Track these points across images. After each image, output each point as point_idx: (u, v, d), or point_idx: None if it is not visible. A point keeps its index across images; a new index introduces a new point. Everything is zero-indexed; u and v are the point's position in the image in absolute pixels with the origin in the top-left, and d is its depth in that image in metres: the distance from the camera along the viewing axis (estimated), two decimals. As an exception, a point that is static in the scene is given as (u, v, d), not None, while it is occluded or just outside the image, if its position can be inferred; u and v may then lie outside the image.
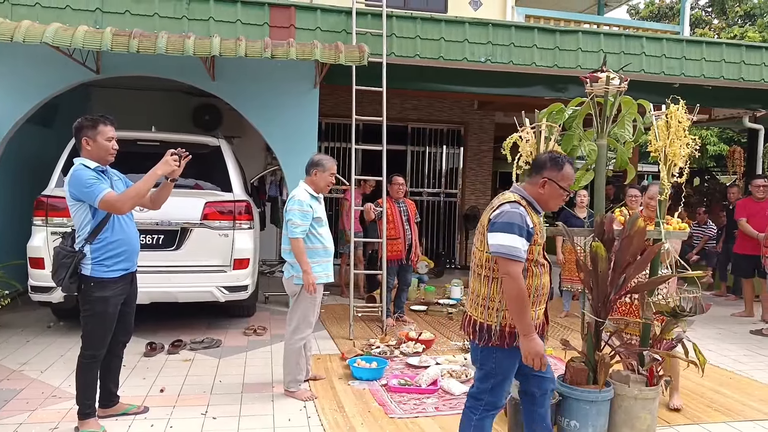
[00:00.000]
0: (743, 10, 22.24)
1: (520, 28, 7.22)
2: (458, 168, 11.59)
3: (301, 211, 4.11)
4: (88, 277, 3.45)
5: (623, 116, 3.75)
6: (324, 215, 4.30)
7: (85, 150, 3.50)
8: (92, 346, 3.55)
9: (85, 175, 3.38)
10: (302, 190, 4.24)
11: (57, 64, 6.12)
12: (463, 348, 5.56)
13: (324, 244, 4.24)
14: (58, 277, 3.45)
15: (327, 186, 4.27)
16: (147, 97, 9.15)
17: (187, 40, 5.41)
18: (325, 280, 4.27)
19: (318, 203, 4.25)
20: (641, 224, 3.48)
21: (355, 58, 5.72)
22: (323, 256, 4.23)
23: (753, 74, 7.85)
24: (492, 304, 2.77)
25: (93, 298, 3.47)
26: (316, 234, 4.19)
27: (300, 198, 4.16)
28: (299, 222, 4.09)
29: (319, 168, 4.24)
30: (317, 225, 4.20)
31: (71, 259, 3.41)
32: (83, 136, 3.49)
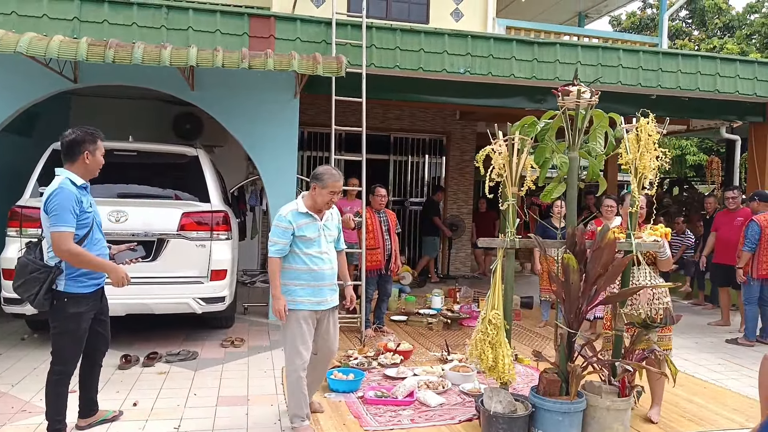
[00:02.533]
0: (722, 22, 22.64)
1: (499, 40, 7.30)
2: (440, 177, 11.63)
3: (278, 228, 3.68)
4: (62, 293, 3.37)
5: (595, 129, 3.79)
6: (317, 234, 3.72)
7: (82, 164, 3.44)
8: (63, 362, 3.48)
9: (66, 199, 3.28)
10: (293, 203, 3.79)
11: (33, 74, 6.08)
12: (441, 359, 5.56)
13: (311, 266, 3.69)
14: (28, 291, 3.33)
15: (327, 204, 3.73)
16: (127, 105, 9.10)
17: (163, 51, 5.40)
18: (310, 306, 3.70)
19: (309, 219, 3.71)
20: (612, 236, 3.52)
21: (333, 69, 5.74)
22: (310, 279, 3.70)
23: (728, 86, 7.99)
24: None
25: (67, 315, 3.40)
26: (301, 254, 3.68)
27: (281, 213, 3.74)
28: (275, 239, 3.68)
29: (318, 183, 3.69)
30: (303, 245, 3.68)
31: (46, 275, 3.32)
32: (84, 149, 3.44)
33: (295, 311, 3.68)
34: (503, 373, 3.55)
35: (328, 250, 3.78)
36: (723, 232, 7.51)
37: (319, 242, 3.74)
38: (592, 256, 3.49)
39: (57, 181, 3.38)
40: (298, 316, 3.68)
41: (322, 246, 3.75)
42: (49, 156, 5.76)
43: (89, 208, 3.48)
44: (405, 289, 8.83)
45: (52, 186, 3.36)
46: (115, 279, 3.48)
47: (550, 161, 3.84)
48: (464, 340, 6.10)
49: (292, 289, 3.69)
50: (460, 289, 8.56)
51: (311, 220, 3.72)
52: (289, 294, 3.68)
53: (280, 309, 3.63)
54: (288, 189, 6.93)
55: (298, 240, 3.68)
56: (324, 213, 3.79)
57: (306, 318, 3.70)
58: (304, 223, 3.69)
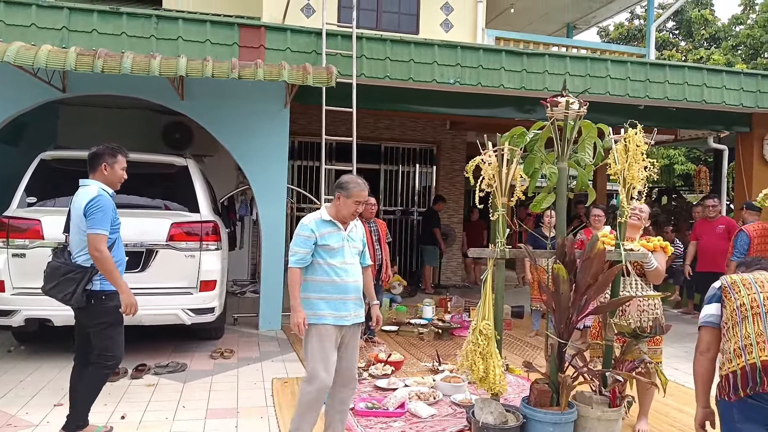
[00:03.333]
0: (708, 34, 22.93)
1: (489, 51, 7.35)
2: (431, 187, 11.66)
3: (300, 236, 3.48)
4: (99, 291, 3.63)
5: (583, 140, 3.81)
6: (341, 244, 3.53)
7: (101, 174, 3.75)
8: (115, 355, 3.72)
9: (108, 205, 3.64)
10: (316, 213, 3.60)
11: (21, 83, 6.05)
12: (432, 369, 5.54)
13: (335, 277, 3.49)
14: (63, 291, 3.59)
15: (351, 215, 3.55)
16: (117, 115, 9.06)
17: (153, 60, 5.38)
18: (333, 321, 3.46)
19: (333, 228, 3.52)
20: (601, 246, 3.53)
21: (323, 79, 5.75)
22: (333, 292, 3.48)
23: (714, 97, 8.08)
24: None
25: (108, 309, 3.66)
26: (324, 264, 3.48)
27: (303, 222, 3.54)
28: (296, 249, 3.47)
29: (342, 192, 3.51)
30: (326, 254, 3.49)
31: (82, 275, 3.59)
32: (102, 161, 3.75)
33: (316, 325, 3.44)
34: (494, 384, 3.54)
35: (353, 262, 3.59)
36: (705, 240, 7.60)
37: (343, 252, 3.54)
38: (582, 267, 3.49)
39: (92, 189, 3.67)
40: (320, 330, 3.44)
41: (346, 257, 3.55)
42: (37, 166, 5.72)
43: (117, 215, 3.78)
44: (396, 298, 8.81)
45: (89, 193, 3.65)
46: (126, 302, 3.66)
47: (539, 171, 3.85)
48: (455, 351, 6.08)
49: (313, 302, 3.47)
50: (451, 299, 8.55)
51: (335, 229, 3.53)
52: (310, 307, 3.45)
53: (299, 322, 3.39)
54: (278, 199, 6.92)
55: (320, 249, 3.48)
56: (348, 224, 3.61)
57: (329, 333, 3.45)
58: (327, 231, 3.50)
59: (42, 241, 5.25)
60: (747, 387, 2.47)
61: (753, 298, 2.56)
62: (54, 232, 5.29)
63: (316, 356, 3.44)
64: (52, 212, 5.50)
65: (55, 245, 5.15)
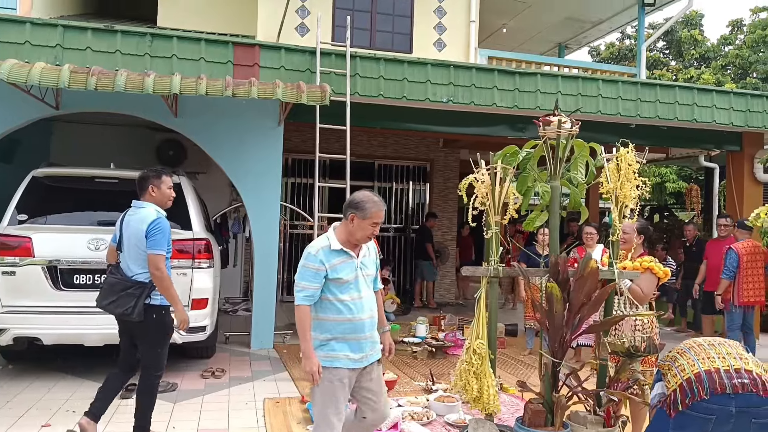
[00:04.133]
0: (698, 53, 23.25)
1: (481, 70, 7.41)
2: (424, 204, 11.68)
3: (307, 269, 3.04)
4: (158, 306, 3.86)
5: (576, 158, 3.83)
6: (353, 275, 3.11)
7: (150, 196, 3.98)
8: (160, 366, 3.95)
9: (167, 226, 3.89)
10: (322, 239, 3.13)
11: (14, 100, 6.04)
12: (425, 389, 5.49)
13: (347, 315, 3.07)
14: (122, 306, 3.78)
15: (367, 238, 3.14)
16: (110, 132, 9.05)
17: (147, 78, 5.39)
18: (348, 364, 3.07)
19: (344, 258, 3.10)
20: (594, 265, 3.53)
21: (317, 97, 5.77)
22: (347, 331, 3.07)
23: (705, 116, 8.16)
24: None
25: (165, 323, 3.92)
26: (334, 300, 3.06)
27: (310, 251, 3.07)
28: (304, 284, 3.03)
29: (357, 212, 3.07)
30: (337, 289, 3.06)
31: (141, 290, 3.80)
32: (150, 184, 3.98)
33: (330, 369, 3.02)
34: (488, 404, 3.51)
35: (366, 294, 3.16)
36: (713, 260, 7.54)
37: (357, 284, 3.12)
38: (576, 285, 3.48)
39: (150, 211, 3.90)
40: (332, 376, 3.03)
41: (361, 289, 3.13)
42: (29, 183, 5.69)
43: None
44: (389, 317, 8.77)
45: (149, 215, 3.88)
46: (180, 318, 3.89)
47: (532, 190, 3.86)
48: (449, 370, 6.04)
49: (325, 344, 3.07)
50: (444, 317, 8.52)
51: (346, 259, 3.10)
52: (321, 349, 3.05)
53: (313, 371, 2.96)
54: (271, 216, 6.90)
55: (330, 283, 3.04)
56: (360, 248, 3.20)
57: (342, 378, 3.05)
58: (338, 262, 3.07)
59: (32, 259, 5.22)
60: (686, 399, 2.64)
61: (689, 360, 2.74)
62: (45, 250, 5.27)
63: (328, 405, 3.05)
64: (43, 230, 5.47)
65: (45, 263, 5.15)
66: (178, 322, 3.89)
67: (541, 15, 12.66)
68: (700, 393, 2.60)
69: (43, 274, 5.25)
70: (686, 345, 2.86)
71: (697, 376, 2.64)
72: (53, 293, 5.25)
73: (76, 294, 5.30)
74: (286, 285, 10.65)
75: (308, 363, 2.98)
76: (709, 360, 2.69)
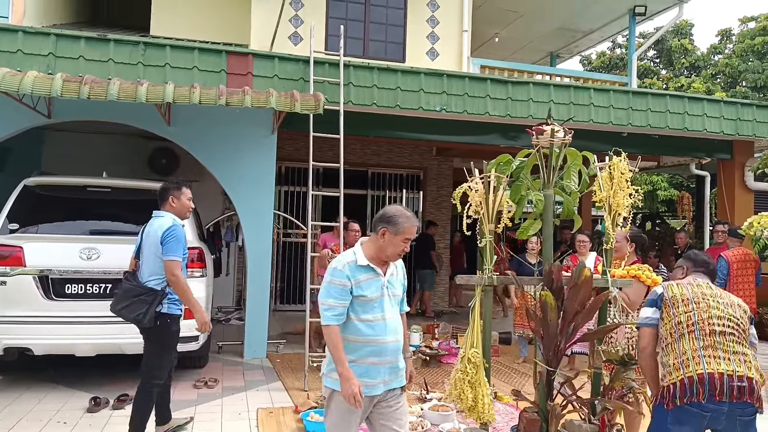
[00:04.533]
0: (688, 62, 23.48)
1: (474, 79, 7.44)
2: (418, 212, 11.68)
3: (333, 285, 2.83)
4: (165, 314, 3.97)
5: (569, 167, 3.85)
6: (379, 293, 2.89)
7: (170, 206, 4.14)
8: (160, 375, 4.04)
9: (181, 234, 4.04)
10: (348, 254, 2.94)
11: (6, 109, 6.01)
12: (420, 398, 5.47)
13: (370, 336, 2.85)
14: (135, 311, 3.91)
15: (398, 255, 2.92)
16: (102, 140, 9.01)
17: (140, 87, 5.38)
18: (367, 392, 2.83)
19: (371, 275, 2.89)
20: (588, 273, 3.54)
21: (311, 106, 5.78)
22: (368, 354, 2.85)
23: (696, 124, 8.22)
24: None
25: (169, 332, 4.03)
26: (356, 320, 2.85)
27: (336, 266, 2.88)
28: (330, 302, 2.82)
29: (389, 226, 2.87)
30: (360, 307, 2.86)
31: (153, 297, 3.92)
32: (170, 195, 4.14)
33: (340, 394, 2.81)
34: (483, 413, 3.50)
35: (391, 316, 2.94)
36: None
37: (382, 304, 2.90)
38: (570, 294, 3.49)
39: (167, 219, 4.06)
40: (341, 401, 2.81)
41: (386, 310, 2.91)
42: (20, 192, 5.66)
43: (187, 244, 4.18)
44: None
45: (165, 223, 4.03)
46: (200, 321, 4.01)
47: (525, 198, 3.87)
48: (443, 378, 6.03)
49: None
50: (438, 325, 8.50)
51: (373, 276, 2.89)
52: (336, 371, 2.81)
53: (354, 392, 2.71)
54: (265, 225, 6.89)
55: (354, 301, 2.85)
56: (388, 266, 2.99)
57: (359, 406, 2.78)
58: (364, 279, 2.87)
59: (23, 268, 5.17)
60: (685, 397, 2.80)
61: (689, 317, 2.93)
62: (36, 259, 5.22)
63: (339, 427, 2.89)
64: (34, 239, 5.43)
65: (36, 273, 5.11)
66: (198, 325, 4.02)
67: (533, 25, 12.76)
68: (699, 396, 2.76)
69: (34, 284, 5.20)
70: (692, 294, 2.99)
71: (700, 378, 2.77)
72: (45, 303, 5.20)
73: (68, 304, 5.25)
74: (279, 294, 10.62)
75: (348, 385, 2.73)
76: (715, 360, 2.80)
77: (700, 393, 2.76)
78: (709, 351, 2.84)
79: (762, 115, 8.51)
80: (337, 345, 2.79)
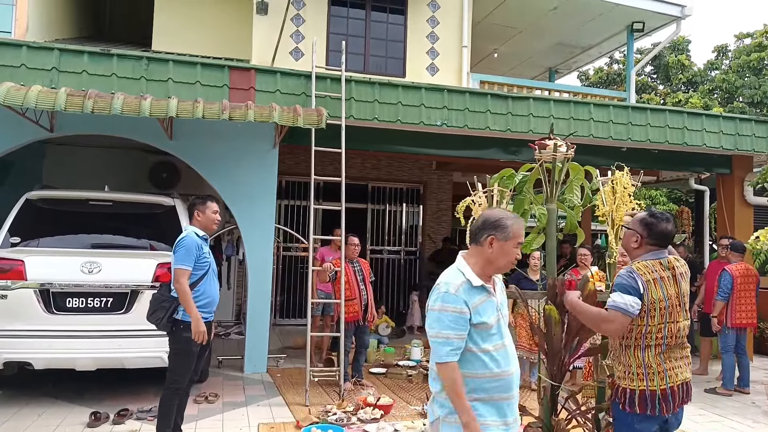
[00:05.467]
0: (686, 78, 23.62)
1: (474, 94, 7.48)
2: (418, 226, 11.70)
3: (447, 313, 2.37)
4: (179, 320, 4.15)
5: (571, 181, 3.86)
6: (496, 317, 2.47)
7: (195, 220, 4.36)
8: (176, 380, 4.19)
9: (191, 244, 4.17)
10: (456, 273, 2.48)
11: (8, 122, 6.04)
12: (422, 413, 5.44)
13: (494, 368, 2.41)
14: (156, 317, 4.17)
15: (511, 264, 2.52)
16: (103, 154, 9.03)
17: (143, 101, 5.41)
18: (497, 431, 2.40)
19: (484, 296, 2.45)
20: (592, 287, 3.54)
21: (314, 121, 5.80)
22: (495, 390, 2.41)
23: (695, 139, 8.25)
24: None
25: (182, 338, 4.15)
26: (477, 351, 2.40)
27: (448, 289, 2.41)
28: (447, 333, 2.36)
29: (497, 232, 2.46)
30: (480, 336, 2.41)
31: (170, 304, 4.15)
32: (195, 210, 4.37)
33: None
34: (487, 428, 3.48)
35: (509, 342, 2.53)
36: (711, 282, 7.53)
37: (500, 330, 2.48)
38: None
39: (185, 232, 4.30)
40: None
41: (504, 336, 2.50)
42: (22, 205, 5.66)
43: (207, 256, 4.29)
44: (383, 340, 8.72)
45: (181, 234, 4.28)
46: (194, 330, 4.10)
47: (528, 212, 3.89)
48: (444, 393, 6.00)
49: None
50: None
51: (487, 297, 2.46)
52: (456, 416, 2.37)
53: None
54: (265, 239, 6.89)
55: (473, 330, 2.39)
56: (495, 284, 2.58)
57: None
58: (480, 302, 2.42)
59: (25, 282, 5.16)
60: (647, 409, 2.84)
61: (659, 329, 2.86)
62: (38, 273, 5.21)
63: None
64: (36, 252, 5.43)
65: (37, 286, 5.11)
66: (193, 335, 4.08)
67: (532, 41, 12.86)
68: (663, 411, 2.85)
69: (35, 298, 5.18)
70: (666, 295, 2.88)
71: (663, 393, 2.84)
72: (45, 317, 5.18)
73: (69, 318, 5.24)
74: (279, 308, 10.58)
75: (471, 427, 2.31)
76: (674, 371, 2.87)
77: (663, 408, 2.84)
78: (671, 363, 2.88)
79: (760, 130, 8.55)
80: (460, 385, 2.34)
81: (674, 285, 2.94)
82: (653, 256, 2.97)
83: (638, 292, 2.84)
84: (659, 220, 2.97)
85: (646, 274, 2.88)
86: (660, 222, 2.97)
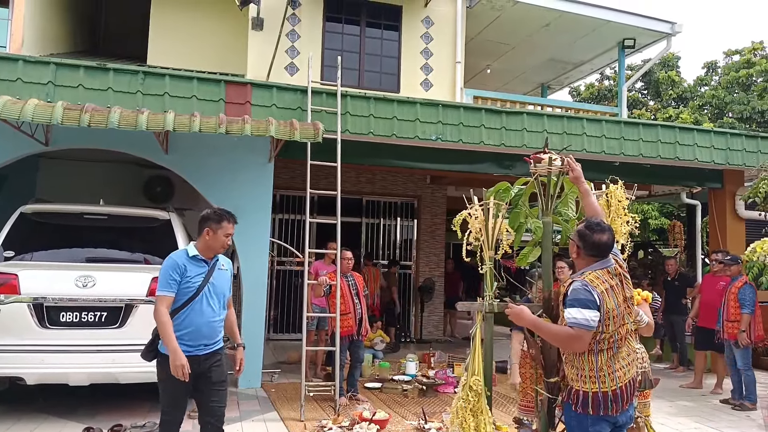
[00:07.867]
0: (676, 94, 23.90)
1: (469, 109, 7.55)
2: (412, 240, 11.71)
3: None
4: (159, 353, 3.70)
5: (566, 195, 3.89)
6: None
7: (203, 239, 3.72)
8: (165, 411, 3.79)
9: (171, 266, 3.63)
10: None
11: (3, 136, 6.03)
12: (418, 428, 5.42)
13: None
14: (146, 348, 3.77)
15: None
16: (98, 168, 9.00)
17: (140, 115, 5.42)
18: None
19: None
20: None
21: (310, 135, 5.83)
22: None
23: (687, 154, 8.34)
24: None
25: (163, 371, 3.67)
26: None
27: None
28: None
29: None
30: None
31: (155, 333, 3.67)
32: (207, 226, 3.71)
33: None
34: (484, 442, 3.47)
35: None
36: (706, 295, 7.55)
37: None
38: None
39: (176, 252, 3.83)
40: None
41: None
42: (16, 219, 5.63)
43: (194, 278, 3.67)
44: (378, 354, 8.68)
45: None
46: (171, 363, 3.54)
47: (524, 226, 3.91)
48: (441, 408, 5.98)
49: None
50: (434, 354, 8.45)
51: None
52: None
53: None
54: (260, 252, 6.88)
55: None
56: None
57: None
58: None
59: (18, 296, 5.11)
60: (598, 409, 2.88)
61: (611, 336, 2.88)
62: (31, 287, 5.17)
63: None
64: (30, 266, 5.39)
65: (30, 300, 5.06)
66: (172, 369, 3.53)
67: (524, 57, 13.00)
68: (614, 410, 2.88)
69: (28, 312, 5.13)
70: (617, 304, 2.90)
71: (614, 393, 2.87)
72: (39, 331, 5.13)
73: (63, 332, 5.19)
74: (273, 323, 10.53)
75: None
76: (623, 371, 2.90)
77: (614, 408, 2.88)
78: (620, 363, 2.92)
79: (751, 145, 8.66)
80: None
81: (622, 291, 2.98)
82: (600, 265, 2.99)
83: (596, 304, 2.86)
84: (593, 231, 3.00)
85: (599, 286, 2.90)
86: (594, 233, 2.99)
